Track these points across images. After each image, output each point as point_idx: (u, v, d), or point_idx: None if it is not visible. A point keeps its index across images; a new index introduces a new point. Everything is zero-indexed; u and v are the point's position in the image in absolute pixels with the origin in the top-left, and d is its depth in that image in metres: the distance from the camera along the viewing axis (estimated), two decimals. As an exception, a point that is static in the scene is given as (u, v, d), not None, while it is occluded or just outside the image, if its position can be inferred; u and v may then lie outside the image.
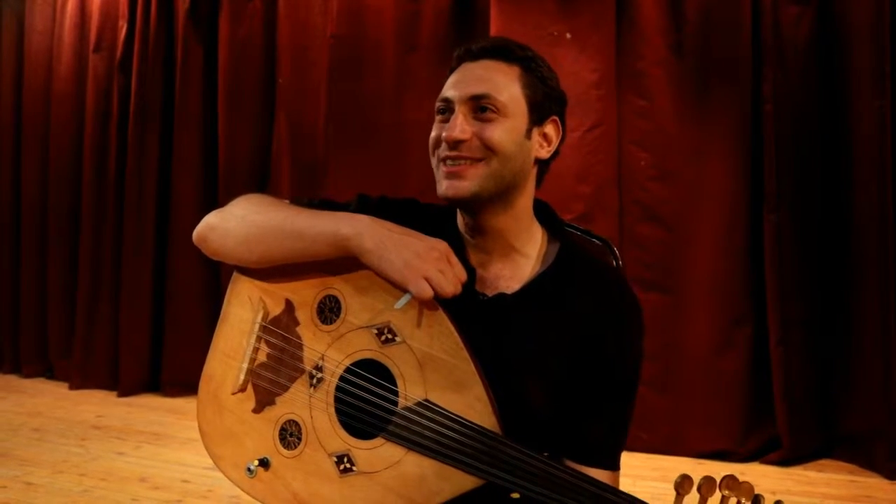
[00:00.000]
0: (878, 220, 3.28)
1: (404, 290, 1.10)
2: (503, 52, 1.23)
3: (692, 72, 3.68)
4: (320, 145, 4.43)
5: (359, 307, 1.17)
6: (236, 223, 1.26)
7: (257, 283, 1.27)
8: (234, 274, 1.31)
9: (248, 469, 1.19)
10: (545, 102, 1.24)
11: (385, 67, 4.26)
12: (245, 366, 1.24)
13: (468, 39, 1.27)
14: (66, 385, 4.99)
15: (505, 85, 1.20)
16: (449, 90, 1.22)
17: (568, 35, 3.80)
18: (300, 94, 4.54)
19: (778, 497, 3.02)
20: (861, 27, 3.35)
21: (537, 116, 1.23)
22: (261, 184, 4.60)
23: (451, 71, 1.25)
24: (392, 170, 4.08)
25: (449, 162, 1.19)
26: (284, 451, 1.18)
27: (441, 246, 1.12)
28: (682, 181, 3.69)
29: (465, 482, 1.07)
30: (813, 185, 3.52)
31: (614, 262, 1.51)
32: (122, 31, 4.98)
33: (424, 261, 1.09)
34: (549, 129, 1.26)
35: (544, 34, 3.80)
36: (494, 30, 3.87)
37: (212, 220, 1.31)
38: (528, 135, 1.22)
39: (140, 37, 4.90)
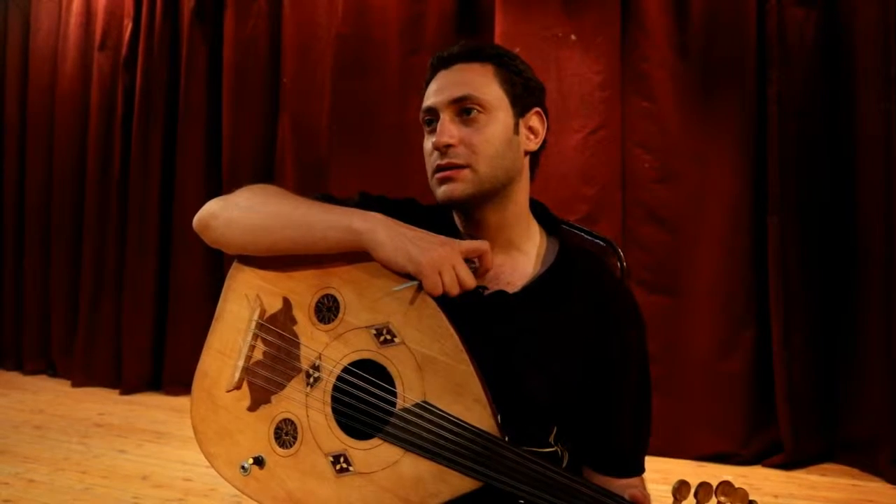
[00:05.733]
0: (882, 224, 3.27)
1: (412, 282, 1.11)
2: (474, 53, 1.25)
3: (697, 74, 3.67)
4: (324, 145, 4.43)
5: (358, 307, 1.16)
6: (241, 212, 1.25)
7: (255, 280, 1.26)
8: (231, 271, 1.30)
9: (243, 467, 1.18)
10: (525, 94, 1.25)
11: (389, 68, 4.26)
12: (240, 363, 1.23)
13: (471, 41, 1.28)
14: (68, 383, 5.01)
15: (483, 83, 1.22)
16: (430, 99, 1.24)
17: (573, 36, 3.79)
18: (304, 94, 4.54)
19: (780, 501, 3.01)
20: (867, 29, 3.34)
21: (520, 109, 1.25)
22: (264, 182, 4.60)
23: (427, 82, 1.27)
24: (395, 170, 4.07)
25: (442, 169, 1.20)
26: (279, 450, 1.18)
27: (454, 244, 1.13)
28: (685, 183, 3.68)
29: (462, 484, 1.07)
30: (817, 188, 3.50)
31: (619, 264, 1.51)
32: (127, 29, 4.99)
33: (440, 256, 1.09)
34: (534, 120, 1.27)
35: (549, 35, 3.79)
36: (499, 31, 3.87)
37: (214, 207, 1.29)
38: (516, 130, 1.24)
39: (145, 35, 4.92)
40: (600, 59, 3.74)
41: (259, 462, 1.18)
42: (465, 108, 1.20)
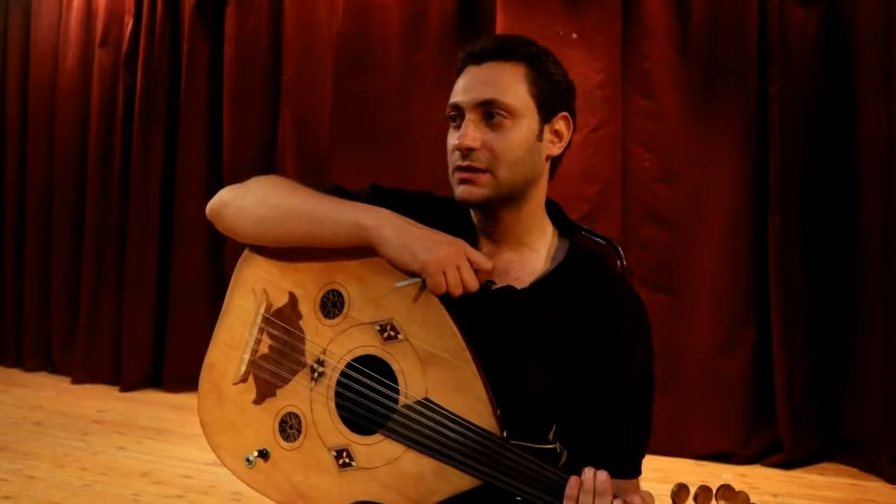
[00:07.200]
0: (882, 223, 3.27)
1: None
2: (507, 51, 1.22)
3: (698, 73, 3.67)
4: (325, 143, 4.43)
5: (362, 303, 1.17)
6: (253, 203, 1.25)
7: (262, 274, 1.27)
8: (239, 263, 1.31)
9: (248, 460, 1.19)
10: (553, 98, 1.24)
11: (390, 66, 4.26)
12: (247, 357, 1.24)
13: (473, 39, 1.26)
14: (68, 379, 5.00)
15: (511, 86, 1.20)
16: (457, 96, 1.22)
17: (574, 35, 3.79)
18: (305, 92, 4.54)
19: (779, 500, 3.02)
20: (868, 28, 3.34)
21: (546, 114, 1.23)
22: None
23: (458, 73, 1.25)
24: (396, 168, 4.07)
25: (462, 169, 1.20)
26: (284, 444, 1.19)
27: (460, 245, 1.13)
28: (686, 182, 3.68)
29: (462, 482, 1.08)
30: (818, 188, 3.51)
31: (619, 263, 1.51)
32: (128, 26, 4.99)
33: (446, 256, 1.10)
34: (560, 125, 1.26)
35: (550, 34, 3.79)
36: (500, 29, 3.86)
37: (226, 196, 1.30)
38: (540, 136, 1.22)
39: (146, 32, 4.91)
40: (601, 58, 3.74)
41: (264, 455, 1.20)
42: (489, 113, 1.19)
